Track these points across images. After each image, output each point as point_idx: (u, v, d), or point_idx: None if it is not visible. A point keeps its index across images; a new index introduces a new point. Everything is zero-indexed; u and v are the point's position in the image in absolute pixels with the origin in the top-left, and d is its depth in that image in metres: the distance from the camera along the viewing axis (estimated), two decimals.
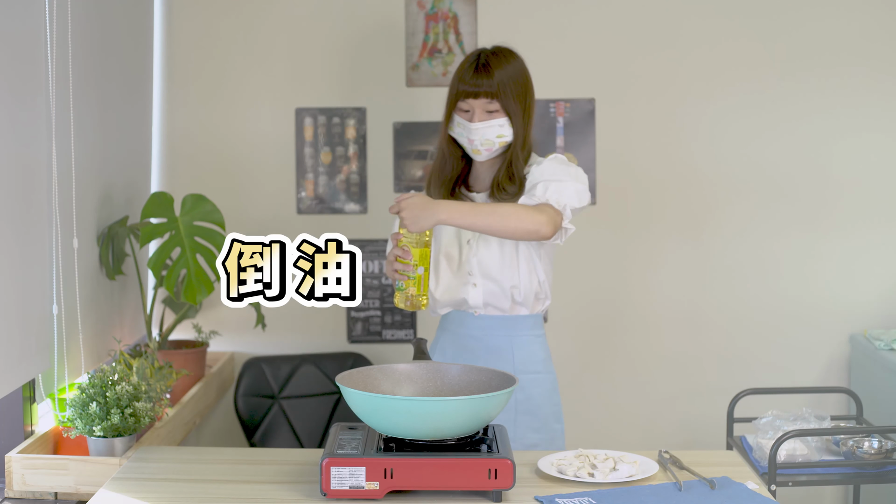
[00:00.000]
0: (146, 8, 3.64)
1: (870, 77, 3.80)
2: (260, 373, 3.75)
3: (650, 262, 3.87)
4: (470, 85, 2.68)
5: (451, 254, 2.79)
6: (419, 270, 2.56)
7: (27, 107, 2.55)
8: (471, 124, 2.68)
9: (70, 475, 2.52)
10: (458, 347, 2.82)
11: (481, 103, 2.68)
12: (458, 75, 2.71)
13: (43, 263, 2.64)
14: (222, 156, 3.83)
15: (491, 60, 2.70)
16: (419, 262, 2.57)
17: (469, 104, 2.69)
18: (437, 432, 2.18)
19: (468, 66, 2.71)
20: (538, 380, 2.83)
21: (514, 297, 2.77)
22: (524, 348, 2.82)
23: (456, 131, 2.73)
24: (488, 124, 2.68)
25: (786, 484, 2.79)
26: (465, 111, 2.70)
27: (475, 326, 2.80)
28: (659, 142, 3.83)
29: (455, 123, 2.72)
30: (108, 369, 2.63)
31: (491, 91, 2.67)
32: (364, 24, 3.81)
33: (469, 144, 2.72)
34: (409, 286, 2.58)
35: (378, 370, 2.41)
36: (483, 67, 2.68)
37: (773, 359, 3.85)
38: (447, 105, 2.74)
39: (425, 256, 2.58)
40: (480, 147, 2.71)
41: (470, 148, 2.73)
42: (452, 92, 2.72)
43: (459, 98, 2.70)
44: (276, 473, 2.35)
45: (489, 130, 2.69)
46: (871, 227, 3.84)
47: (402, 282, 2.58)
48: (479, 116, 2.69)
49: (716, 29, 3.80)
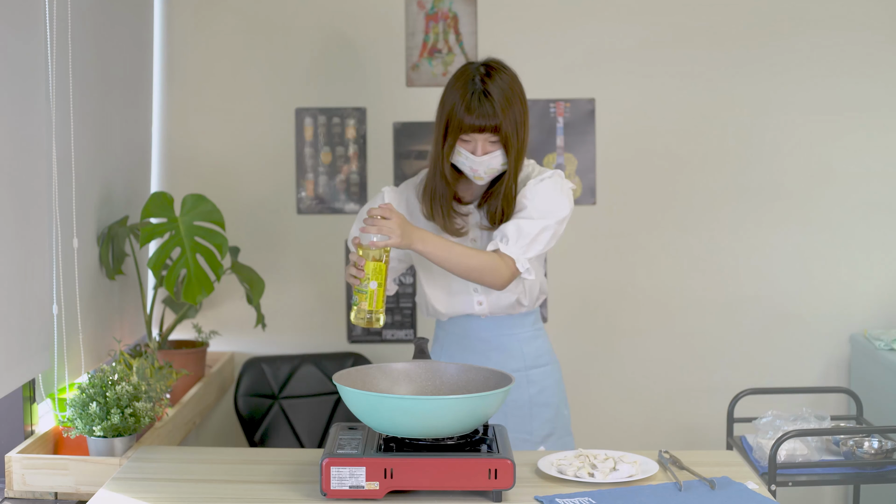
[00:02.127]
0: (146, 9, 3.64)
1: (871, 77, 3.80)
2: (260, 373, 3.75)
3: (650, 262, 3.87)
4: (475, 118, 2.58)
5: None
6: (372, 285, 2.44)
7: (27, 107, 2.55)
8: (476, 157, 2.62)
9: (70, 475, 2.52)
10: (464, 349, 2.82)
11: (484, 136, 2.61)
12: (458, 104, 2.59)
13: (43, 263, 2.64)
14: (222, 156, 3.84)
15: (490, 88, 2.59)
16: (372, 276, 2.44)
17: (471, 137, 2.61)
18: (434, 431, 2.18)
19: (468, 95, 2.59)
20: (548, 371, 2.87)
21: (521, 301, 2.79)
22: (531, 343, 2.85)
23: (457, 160, 2.65)
24: (493, 156, 2.62)
25: (786, 484, 2.79)
26: (467, 142, 2.62)
27: (482, 328, 2.81)
28: (659, 142, 3.83)
29: (457, 153, 2.64)
30: (108, 369, 2.63)
31: (495, 127, 2.59)
32: (364, 24, 3.81)
33: (472, 173, 2.66)
34: (362, 301, 2.46)
35: (376, 369, 2.41)
36: (485, 98, 2.58)
37: (773, 359, 3.85)
38: (447, 133, 2.62)
39: (380, 271, 2.45)
40: (484, 175, 2.66)
41: (472, 175, 2.66)
42: (454, 124, 2.60)
43: (463, 132, 2.60)
44: (276, 473, 2.35)
45: (494, 161, 2.63)
46: (871, 228, 3.84)
47: (356, 295, 2.47)
48: (482, 149, 2.61)
49: (716, 29, 3.80)
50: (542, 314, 3.86)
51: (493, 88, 2.59)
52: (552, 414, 2.87)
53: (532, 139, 3.81)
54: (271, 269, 3.81)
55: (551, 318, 3.87)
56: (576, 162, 3.83)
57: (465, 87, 2.61)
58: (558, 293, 3.85)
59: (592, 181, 3.83)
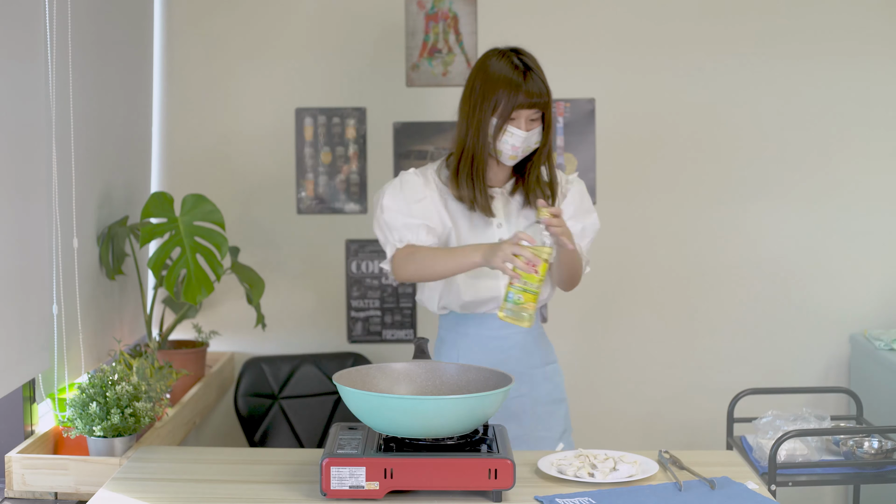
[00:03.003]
0: (146, 8, 3.64)
1: (872, 80, 3.80)
2: (260, 373, 3.75)
3: (650, 262, 3.87)
4: (527, 96, 2.62)
5: None
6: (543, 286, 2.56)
7: (27, 107, 2.55)
8: (522, 133, 2.64)
9: (70, 475, 2.52)
10: (484, 349, 2.80)
11: (529, 113, 2.64)
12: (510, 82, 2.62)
13: (43, 263, 2.64)
14: (222, 156, 3.84)
15: (534, 67, 2.65)
16: (544, 277, 2.47)
17: (518, 113, 2.64)
18: (434, 431, 2.18)
19: (519, 74, 2.63)
20: (557, 368, 2.92)
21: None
22: (542, 339, 2.88)
23: (503, 138, 2.66)
24: (535, 132, 2.67)
25: (786, 484, 2.79)
26: (513, 119, 2.64)
27: (496, 326, 2.79)
28: (659, 142, 3.83)
29: (506, 132, 2.65)
30: (108, 369, 2.63)
31: (543, 103, 2.65)
32: (364, 24, 3.81)
33: (512, 150, 2.67)
34: (528, 301, 2.45)
35: (376, 369, 2.41)
36: (535, 76, 2.64)
37: (773, 359, 3.85)
38: (498, 112, 2.62)
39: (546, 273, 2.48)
40: (521, 154, 2.68)
41: (510, 154, 2.67)
42: (510, 101, 2.61)
43: (516, 108, 2.62)
44: (276, 473, 2.35)
45: (534, 137, 2.68)
46: (871, 227, 3.84)
47: (520, 294, 2.46)
48: (526, 125, 2.65)
49: (716, 28, 3.80)
50: (542, 314, 3.86)
51: (534, 67, 2.66)
52: (566, 410, 2.93)
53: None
54: (271, 269, 3.81)
55: (551, 318, 3.87)
56: (576, 162, 3.83)
57: (509, 66, 2.65)
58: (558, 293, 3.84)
59: (592, 181, 3.83)
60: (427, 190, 2.74)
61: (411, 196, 2.73)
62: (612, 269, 3.87)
